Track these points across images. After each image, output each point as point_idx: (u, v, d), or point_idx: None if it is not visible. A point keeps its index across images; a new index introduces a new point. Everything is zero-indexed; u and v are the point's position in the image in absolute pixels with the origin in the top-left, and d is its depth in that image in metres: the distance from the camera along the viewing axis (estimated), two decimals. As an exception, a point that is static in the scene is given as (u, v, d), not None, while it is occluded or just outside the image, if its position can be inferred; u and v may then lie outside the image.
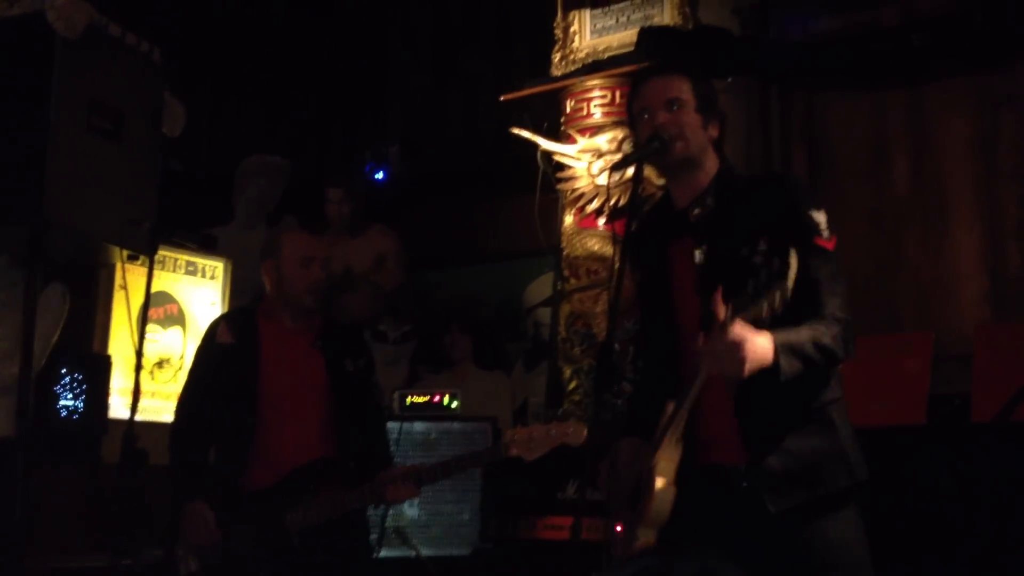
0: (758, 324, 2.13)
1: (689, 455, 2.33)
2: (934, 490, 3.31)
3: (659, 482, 2.26)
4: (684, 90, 2.44)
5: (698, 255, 2.40)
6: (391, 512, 4.04)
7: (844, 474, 2.32)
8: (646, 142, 2.42)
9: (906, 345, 3.90)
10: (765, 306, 2.09)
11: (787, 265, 2.06)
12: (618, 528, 2.43)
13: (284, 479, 3.30)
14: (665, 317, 2.49)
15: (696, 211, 2.43)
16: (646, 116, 2.45)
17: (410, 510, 4.38)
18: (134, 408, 3.19)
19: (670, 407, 2.34)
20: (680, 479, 2.30)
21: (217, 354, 3.45)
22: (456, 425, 4.52)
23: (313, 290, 3.44)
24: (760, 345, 2.15)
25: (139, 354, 3.28)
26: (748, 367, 2.14)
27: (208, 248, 3.89)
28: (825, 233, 2.30)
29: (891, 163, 4.42)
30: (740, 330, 2.12)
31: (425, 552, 4.24)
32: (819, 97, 4.56)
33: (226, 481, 3.35)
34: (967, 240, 4.27)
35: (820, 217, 2.32)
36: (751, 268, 2.12)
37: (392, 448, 3.66)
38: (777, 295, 2.07)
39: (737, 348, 2.12)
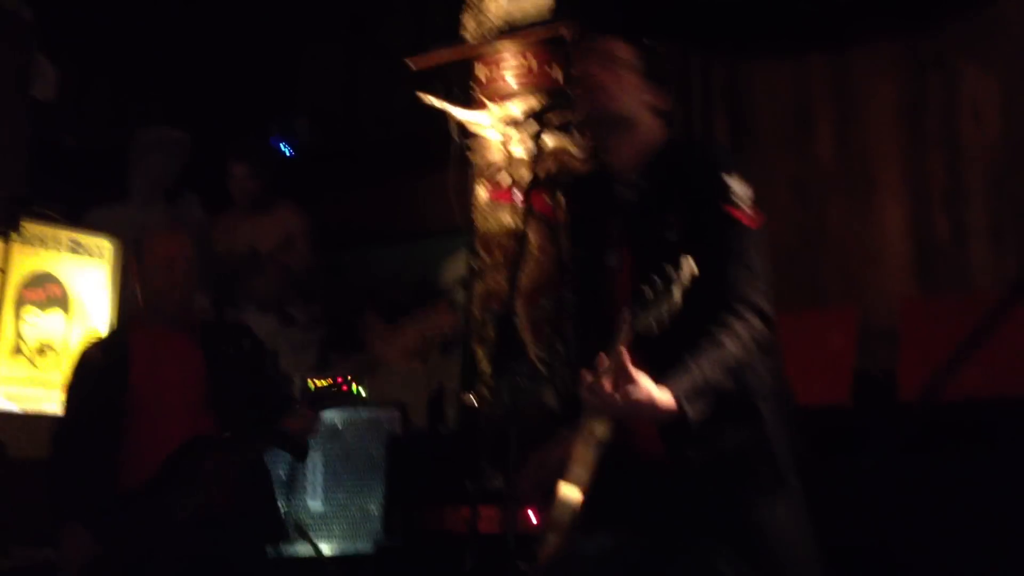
0: (646, 339, 1.92)
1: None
2: (859, 473, 3.09)
3: (564, 489, 2.02)
4: (621, 49, 2.25)
5: (618, 237, 2.22)
6: (293, 508, 3.83)
7: (770, 469, 2.13)
8: (557, 94, 2.25)
9: (829, 320, 3.74)
10: (653, 322, 1.89)
11: (679, 266, 1.87)
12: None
13: (159, 470, 3.10)
14: (603, 299, 2.27)
15: (621, 189, 2.24)
16: (580, 78, 2.28)
17: (313, 503, 4.13)
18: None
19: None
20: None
21: (85, 379, 3.30)
22: (363, 412, 4.27)
23: (172, 291, 3.29)
24: (660, 403, 1.95)
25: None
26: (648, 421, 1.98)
27: (75, 221, 3.59)
28: (743, 205, 2.10)
29: (815, 130, 4.25)
30: (637, 390, 1.93)
31: (327, 550, 3.99)
32: (741, 63, 4.36)
33: (102, 490, 3.15)
34: (893, 209, 4.09)
35: (738, 186, 2.12)
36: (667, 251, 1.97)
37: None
38: (666, 307, 1.88)
39: (633, 409, 1.95)
